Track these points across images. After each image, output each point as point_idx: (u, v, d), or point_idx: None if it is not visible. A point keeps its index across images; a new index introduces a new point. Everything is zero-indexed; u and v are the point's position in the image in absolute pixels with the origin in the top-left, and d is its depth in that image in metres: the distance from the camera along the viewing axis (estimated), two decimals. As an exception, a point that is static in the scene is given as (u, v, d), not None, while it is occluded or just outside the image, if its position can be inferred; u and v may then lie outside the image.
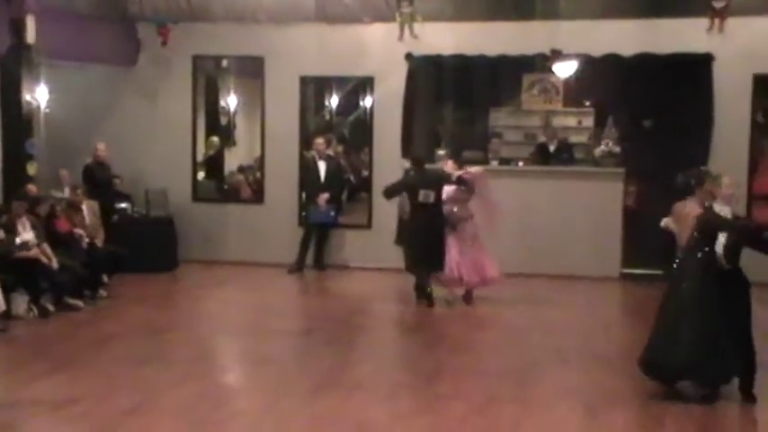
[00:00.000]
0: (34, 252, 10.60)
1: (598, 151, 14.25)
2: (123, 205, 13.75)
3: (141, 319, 10.71)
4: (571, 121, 16.27)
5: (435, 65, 14.15)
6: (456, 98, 15.12)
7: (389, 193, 11.78)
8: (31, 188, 11.69)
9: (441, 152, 14.01)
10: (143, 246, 13.05)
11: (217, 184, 15.17)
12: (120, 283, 12.09)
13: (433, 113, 15.12)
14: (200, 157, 14.92)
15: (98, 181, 13.14)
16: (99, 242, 12.01)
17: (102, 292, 11.63)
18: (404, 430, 7.05)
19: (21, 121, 12.22)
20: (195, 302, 12.08)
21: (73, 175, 13.15)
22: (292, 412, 7.41)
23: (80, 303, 10.96)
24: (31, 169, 12.24)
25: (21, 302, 10.43)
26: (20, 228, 10.67)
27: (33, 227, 10.83)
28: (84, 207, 12.09)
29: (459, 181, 11.22)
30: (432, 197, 11.26)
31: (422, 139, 14.53)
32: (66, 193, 12.55)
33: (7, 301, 10.15)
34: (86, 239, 11.75)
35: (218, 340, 10.24)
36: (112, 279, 11.95)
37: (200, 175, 14.94)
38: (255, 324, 10.64)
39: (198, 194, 14.71)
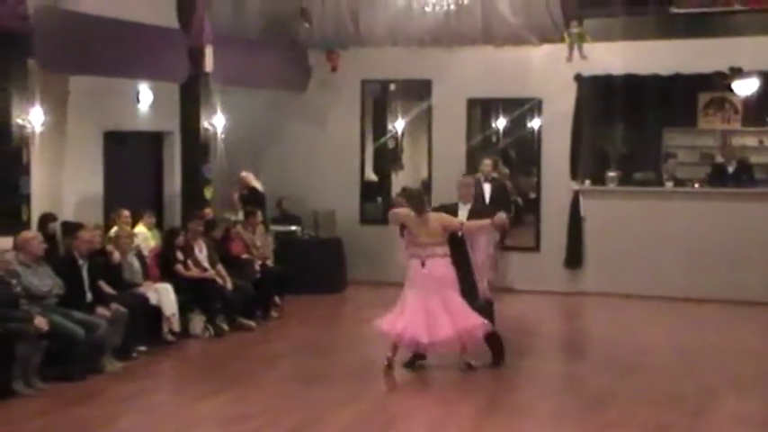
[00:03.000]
0: (210, 273, 10.99)
1: (781, 172, 13.59)
2: (293, 227, 14.06)
3: (309, 339, 10.90)
4: (751, 141, 15.60)
5: (605, 85, 13.82)
6: (627, 118, 14.75)
7: None
8: (208, 212, 12.15)
9: (611, 174, 13.72)
10: (312, 267, 13.33)
11: (384, 207, 15.30)
12: (291, 303, 12.36)
13: (603, 134, 14.79)
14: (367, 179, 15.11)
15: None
16: (270, 263, 12.33)
17: (274, 313, 11.91)
18: (569, 459, 6.87)
19: (199, 147, 12.76)
20: (362, 323, 12.12)
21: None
22: (455, 436, 7.34)
23: (252, 323, 11.26)
24: (208, 193, 12.76)
25: (198, 322, 10.81)
26: (196, 249, 11.10)
27: (208, 248, 11.24)
28: (256, 230, 12.45)
29: None
30: None
31: (590, 161, 14.24)
32: (240, 216, 12.94)
33: (185, 321, 10.56)
34: (258, 261, 12.09)
35: (383, 361, 10.26)
36: (283, 300, 12.23)
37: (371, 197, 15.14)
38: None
39: (365, 216, 14.89)
